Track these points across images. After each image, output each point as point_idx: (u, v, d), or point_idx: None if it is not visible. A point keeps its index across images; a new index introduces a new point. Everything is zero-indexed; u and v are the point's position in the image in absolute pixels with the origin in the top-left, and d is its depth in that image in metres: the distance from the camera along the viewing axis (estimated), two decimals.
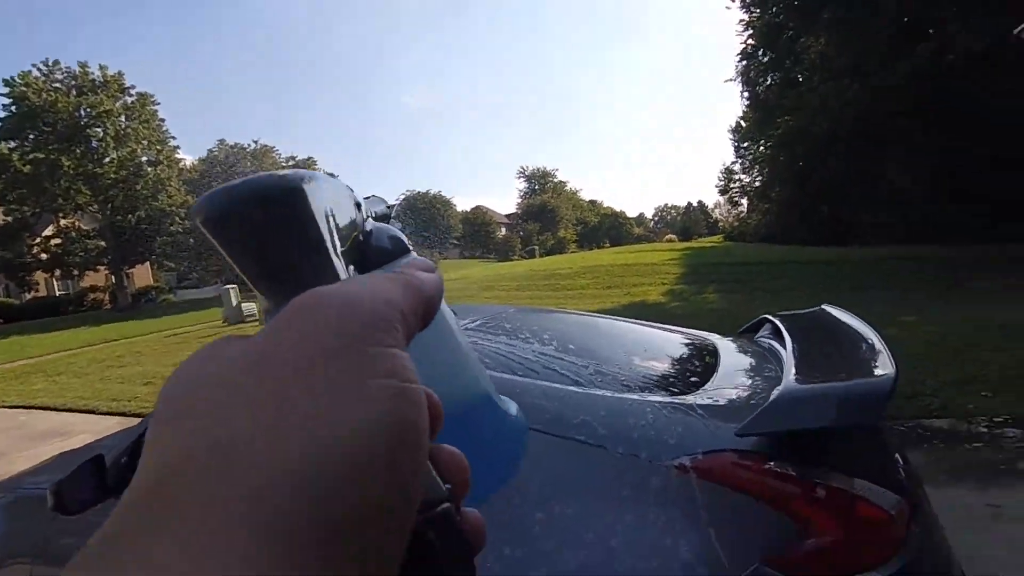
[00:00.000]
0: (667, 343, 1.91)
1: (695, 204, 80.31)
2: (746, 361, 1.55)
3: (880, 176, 16.46)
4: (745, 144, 31.36)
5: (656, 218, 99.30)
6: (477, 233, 51.60)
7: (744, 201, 35.55)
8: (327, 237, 0.24)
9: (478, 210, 55.44)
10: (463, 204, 60.13)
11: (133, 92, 27.66)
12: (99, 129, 25.97)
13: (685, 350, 1.76)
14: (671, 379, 1.40)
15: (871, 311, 2.01)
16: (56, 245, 25.72)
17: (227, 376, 0.16)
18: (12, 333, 20.08)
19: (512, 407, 0.34)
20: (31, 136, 24.94)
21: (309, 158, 35.25)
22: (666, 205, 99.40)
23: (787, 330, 1.46)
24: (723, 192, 37.06)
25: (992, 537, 2.16)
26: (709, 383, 1.32)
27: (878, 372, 0.98)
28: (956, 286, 9.36)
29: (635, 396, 1.21)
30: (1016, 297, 7.54)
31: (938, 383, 4.00)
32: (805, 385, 1.01)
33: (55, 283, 29.61)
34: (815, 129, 17.16)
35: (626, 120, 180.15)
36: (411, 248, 0.35)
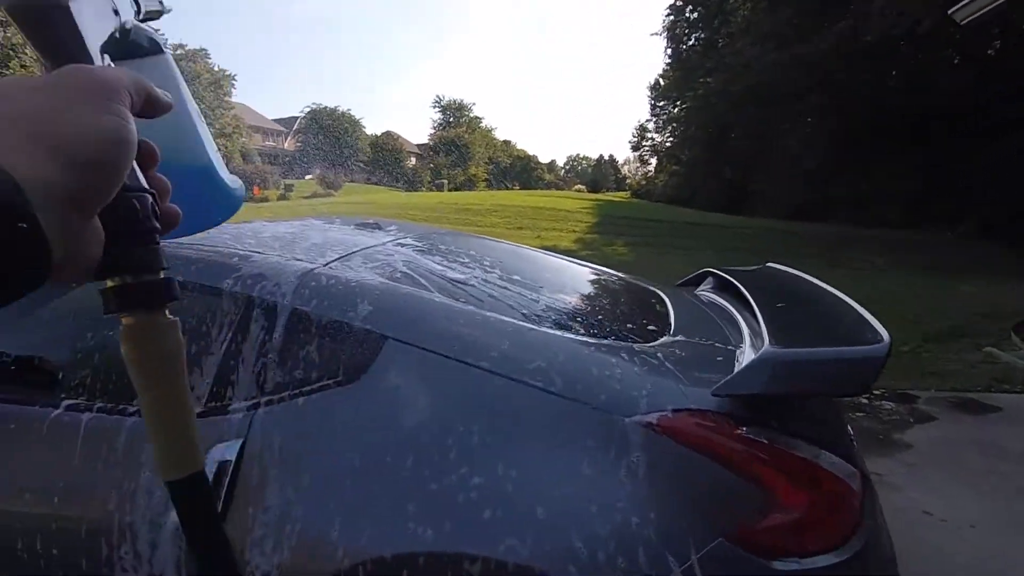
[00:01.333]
0: (615, 285, 1.80)
1: (607, 158, 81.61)
2: (698, 314, 1.47)
3: (783, 148, 17.39)
4: (662, 103, 31.96)
5: (567, 167, 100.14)
6: (386, 160, 49.27)
7: (654, 160, 36.72)
8: (91, 41, 0.33)
9: (388, 136, 52.70)
10: (374, 128, 56.89)
11: None
12: None
13: (634, 295, 1.66)
14: (627, 325, 1.28)
15: None
16: None
17: (29, 84, 0.28)
18: None
19: (236, 184, 0.50)
20: None
21: (201, 49, 31.32)
22: (578, 155, 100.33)
23: (744, 286, 1.39)
24: (635, 149, 37.93)
25: None
26: (667, 334, 1.22)
27: (868, 338, 0.91)
28: (834, 263, 10.29)
29: (593, 340, 1.07)
30: (886, 276, 8.45)
31: None
32: (794, 348, 0.92)
33: None
34: (733, 89, 17.64)
35: (550, 64, 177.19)
36: (165, 50, 0.45)
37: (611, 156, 79.95)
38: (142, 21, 0.47)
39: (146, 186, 0.32)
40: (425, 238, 1.61)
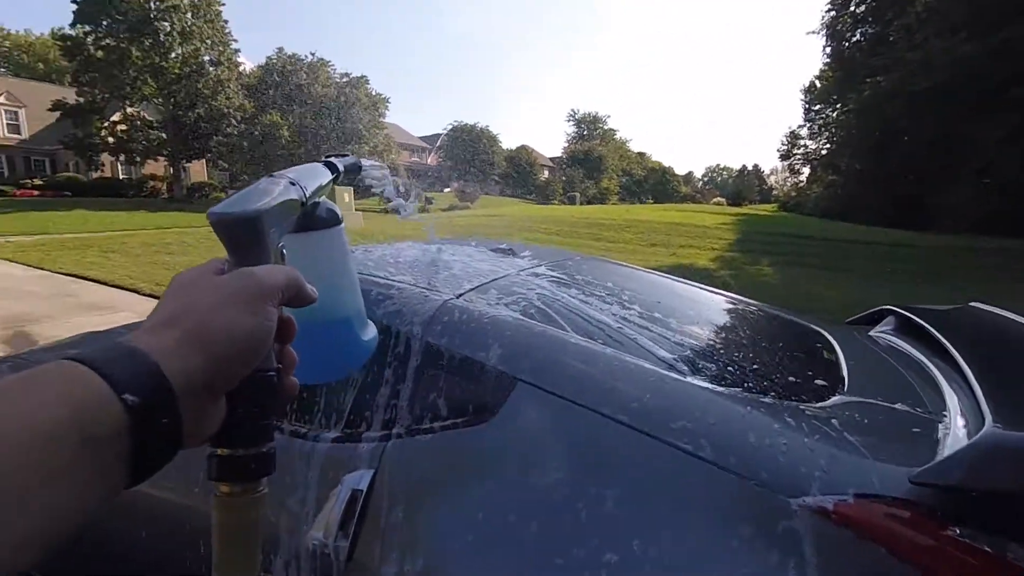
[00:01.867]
0: (770, 323, 1.59)
1: (750, 168, 76.10)
2: (878, 365, 1.23)
3: (971, 153, 14.78)
4: (817, 107, 29.03)
5: (705, 178, 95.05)
6: (520, 173, 50.51)
7: (806, 170, 33.40)
8: (272, 239, 0.39)
9: (523, 150, 54.10)
10: (510, 142, 58.69)
11: None
12: (166, 23, 26.19)
13: (794, 337, 1.45)
14: (790, 378, 1.10)
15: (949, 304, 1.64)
16: (122, 131, 26.64)
17: (204, 282, 0.35)
18: (77, 207, 20.97)
19: (370, 332, 0.54)
20: (104, 23, 25.36)
21: (362, 76, 34.47)
22: (718, 166, 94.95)
23: (942, 333, 1.14)
24: (784, 158, 34.75)
25: None
26: (840, 392, 1.02)
27: None
28: None
29: (749, 397, 0.93)
30: None
31: None
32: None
33: (119, 167, 30.74)
34: (911, 89, 15.34)
35: (689, 73, 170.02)
36: (342, 220, 0.51)
37: (755, 166, 74.60)
38: (344, 176, 0.58)
39: (275, 363, 0.37)
40: (561, 266, 1.54)
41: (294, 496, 1.01)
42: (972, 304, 1.52)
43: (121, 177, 31.13)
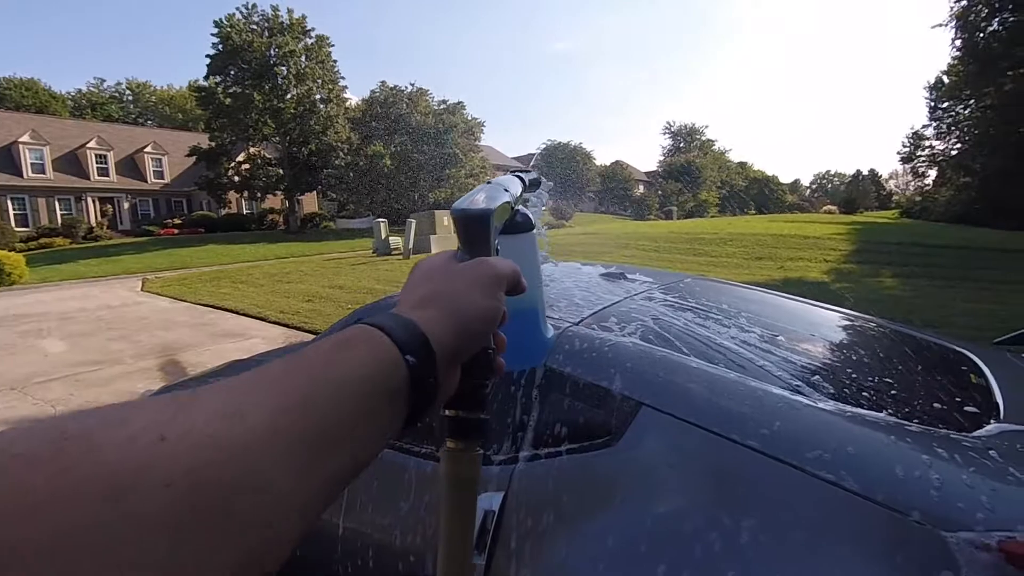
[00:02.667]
0: (905, 344, 1.49)
1: (864, 173, 70.00)
2: None
3: None
4: (946, 104, 26.29)
5: (814, 185, 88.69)
6: (614, 188, 50.00)
7: (932, 172, 30.21)
8: (493, 236, 0.45)
9: (617, 165, 53.59)
10: (603, 158, 58.34)
11: (312, 34, 30.05)
12: (284, 68, 28.79)
13: (936, 359, 1.35)
14: (934, 404, 1.04)
15: None
16: (245, 169, 29.47)
17: (449, 268, 0.41)
18: (210, 242, 23.57)
19: (550, 331, 0.62)
20: (232, 72, 28.41)
21: (459, 102, 35.95)
22: (827, 172, 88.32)
23: None
24: (906, 160, 31.63)
25: None
26: (995, 419, 0.95)
27: None
28: None
29: (891, 424, 0.89)
30: None
31: None
32: None
33: (243, 202, 34.09)
34: None
35: (790, 71, 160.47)
36: (535, 224, 0.58)
37: (871, 171, 68.54)
38: (528, 191, 0.67)
39: (492, 344, 0.42)
40: (674, 289, 1.55)
41: (431, 515, 1.09)
42: None
43: (245, 212, 34.48)
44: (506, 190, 0.52)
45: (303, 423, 0.26)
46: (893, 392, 1.07)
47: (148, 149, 34.72)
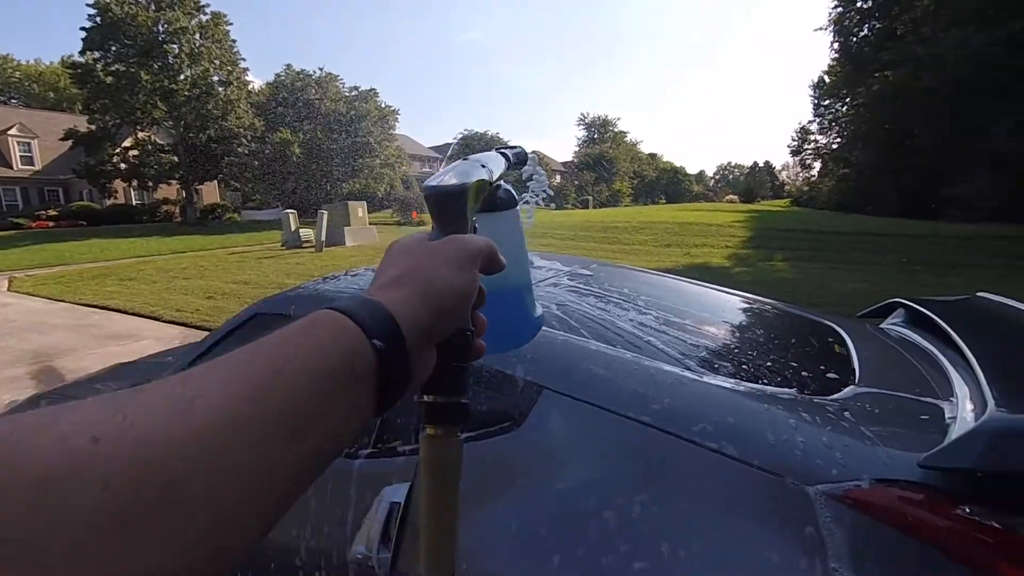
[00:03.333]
0: (783, 320, 1.64)
1: (761, 164, 75.63)
2: (889, 357, 1.27)
3: (985, 143, 14.66)
4: (827, 102, 28.93)
5: (717, 176, 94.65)
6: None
7: (817, 164, 33.20)
8: (469, 214, 0.44)
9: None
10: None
11: (207, 11, 27.97)
12: (175, 46, 26.57)
13: (807, 332, 1.49)
14: (803, 373, 1.15)
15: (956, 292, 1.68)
16: (134, 156, 26.93)
17: (421, 247, 0.40)
18: (92, 236, 21.40)
19: (538, 310, 0.60)
20: (113, 48, 25.83)
21: (371, 89, 34.88)
22: (729, 163, 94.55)
23: (949, 324, 1.18)
24: (795, 153, 34.60)
25: None
26: (852, 383, 1.07)
27: None
28: None
29: (766, 392, 0.98)
30: None
31: None
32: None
33: (132, 192, 31.19)
34: (919, 84, 15.30)
35: (697, 69, 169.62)
36: (518, 200, 0.57)
37: (767, 162, 74.06)
38: (513, 168, 0.65)
39: (470, 325, 0.41)
40: (578, 275, 1.60)
41: (336, 512, 1.06)
42: (979, 294, 1.55)
43: (134, 203, 31.55)
44: (483, 166, 0.50)
45: (259, 410, 0.26)
46: (769, 364, 1.18)
47: (13, 132, 30.85)
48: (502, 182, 0.56)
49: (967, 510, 0.74)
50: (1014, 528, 0.72)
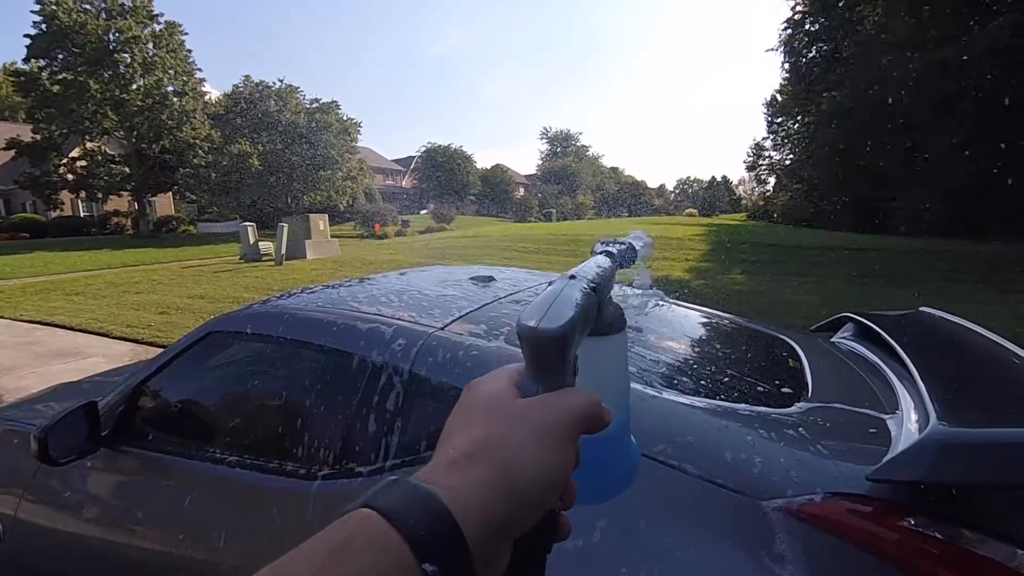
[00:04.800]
0: (739, 335, 1.67)
1: (719, 179, 78.07)
2: (839, 371, 1.32)
3: (924, 162, 15.55)
4: (779, 119, 30.12)
5: (677, 191, 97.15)
6: (495, 191, 51.04)
7: (772, 179, 34.49)
8: (572, 355, 0.35)
9: (497, 168, 54.78)
10: (483, 161, 59.24)
11: (161, 20, 27.31)
12: (127, 55, 25.81)
13: (762, 347, 1.53)
14: (758, 388, 1.17)
15: (905, 307, 1.78)
16: (82, 167, 25.90)
17: (509, 407, 0.32)
18: (36, 249, 20.40)
19: (634, 446, 0.45)
20: (60, 56, 24.91)
21: (333, 101, 34.55)
22: (688, 178, 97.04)
23: (894, 338, 1.23)
24: (750, 168, 35.93)
25: None
26: (804, 398, 1.10)
27: None
28: (994, 286, 8.92)
29: (722, 408, 0.99)
30: None
31: None
32: (970, 428, 0.78)
33: (80, 204, 29.93)
34: (864, 103, 16.13)
35: (658, 86, 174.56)
36: (627, 323, 0.44)
37: (724, 177, 76.30)
38: (623, 266, 0.55)
39: (558, 504, 0.34)
40: (538, 291, 1.60)
41: (293, 537, 1.03)
42: (923, 309, 1.63)
43: (83, 215, 30.36)
44: (592, 286, 0.40)
45: None
46: (726, 379, 1.20)
47: None
48: (611, 295, 0.45)
49: (912, 522, 0.76)
50: (955, 538, 0.75)
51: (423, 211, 40.33)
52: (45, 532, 1.53)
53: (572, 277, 0.40)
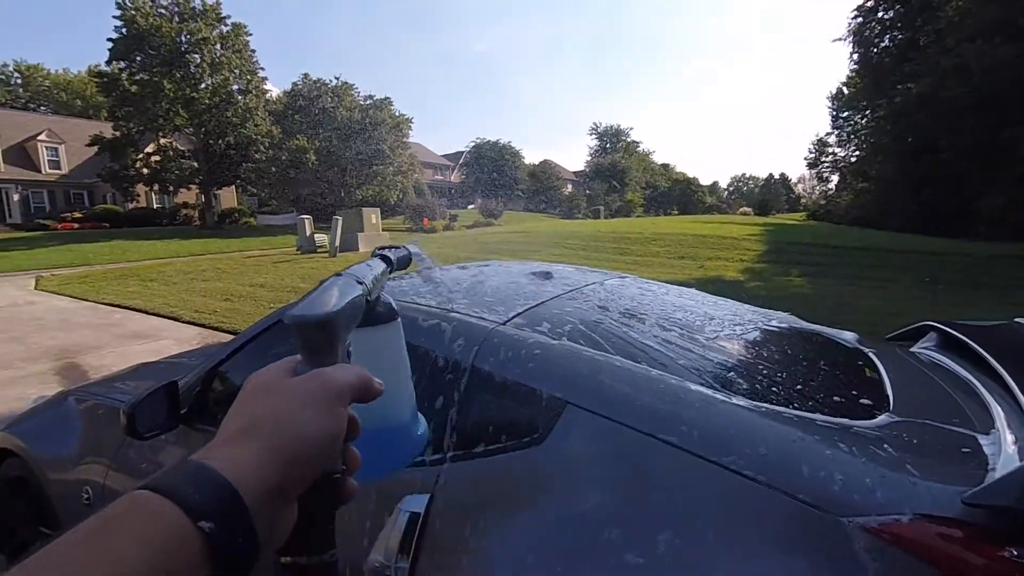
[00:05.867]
0: (810, 341, 1.59)
1: (776, 176, 75.09)
2: (922, 383, 1.23)
3: (1012, 160, 14.35)
4: (845, 114, 28.65)
5: (731, 188, 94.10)
6: (543, 187, 50.78)
7: (835, 178, 32.86)
8: (341, 341, 0.40)
9: (546, 164, 54.45)
10: (532, 157, 59.03)
11: (228, 22, 28.55)
12: (197, 56, 27.17)
13: (835, 355, 1.45)
14: (835, 397, 1.11)
15: (990, 316, 1.65)
16: (156, 162, 27.53)
17: (279, 385, 0.35)
18: (115, 237, 21.81)
19: (422, 425, 0.54)
20: (138, 58, 26.44)
21: (386, 97, 35.25)
22: (744, 175, 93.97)
23: (987, 350, 1.14)
24: (812, 166, 34.22)
25: None
26: (886, 411, 1.03)
27: None
28: None
29: (798, 417, 0.95)
30: None
31: None
32: None
33: (153, 196, 31.79)
34: (944, 95, 15.00)
35: (711, 80, 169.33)
36: (398, 315, 0.51)
37: (782, 175, 73.50)
38: (396, 271, 0.60)
39: (339, 466, 0.37)
40: (599, 289, 1.58)
41: (353, 520, 1.05)
42: (1018, 320, 1.50)
43: (156, 207, 32.21)
44: (359, 282, 0.45)
45: None
46: (799, 387, 1.15)
47: (42, 137, 31.61)
48: (383, 292, 0.51)
49: (1014, 552, 0.70)
50: None
51: (471, 206, 40.63)
52: None
53: (339, 275, 0.46)
